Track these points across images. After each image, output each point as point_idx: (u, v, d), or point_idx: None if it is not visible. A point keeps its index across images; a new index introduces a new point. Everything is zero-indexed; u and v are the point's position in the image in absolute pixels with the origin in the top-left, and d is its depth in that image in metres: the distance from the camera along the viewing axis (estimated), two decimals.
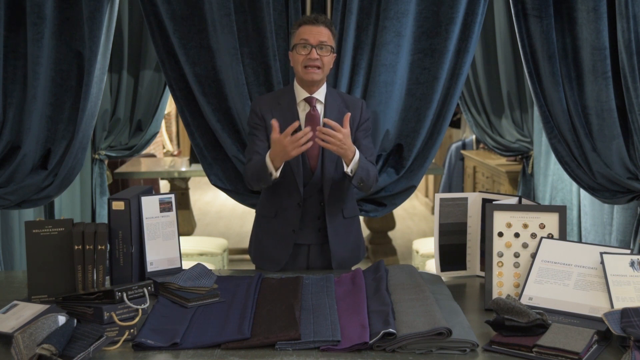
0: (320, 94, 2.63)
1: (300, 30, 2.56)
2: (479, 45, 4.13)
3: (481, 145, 6.55)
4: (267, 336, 1.80)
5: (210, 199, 9.28)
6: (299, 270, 2.64)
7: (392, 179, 3.12)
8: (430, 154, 3.14)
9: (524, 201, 2.38)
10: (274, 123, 2.41)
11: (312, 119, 2.60)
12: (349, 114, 2.44)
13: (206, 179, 3.27)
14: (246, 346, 1.78)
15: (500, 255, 2.19)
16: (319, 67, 2.54)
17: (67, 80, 3.01)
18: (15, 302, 2.01)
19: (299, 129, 2.46)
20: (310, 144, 2.39)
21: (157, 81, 4.05)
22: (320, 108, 2.62)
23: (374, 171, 2.60)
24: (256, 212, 2.83)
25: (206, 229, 7.46)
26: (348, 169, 2.49)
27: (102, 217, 3.99)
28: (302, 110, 2.62)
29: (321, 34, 2.53)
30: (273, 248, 2.70)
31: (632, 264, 2.02)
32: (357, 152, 2.49)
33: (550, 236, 2.18)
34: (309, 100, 2.61)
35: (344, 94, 2.76)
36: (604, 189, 3.09)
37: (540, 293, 2.05)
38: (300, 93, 2.62)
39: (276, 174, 2.47)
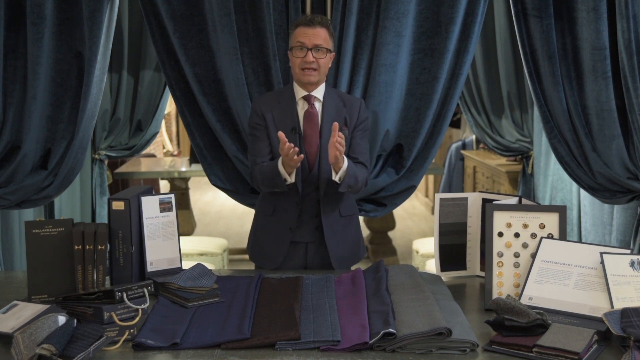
0: (319, 92, 2.66)
1: (297, 32, 2.58)
2: (479, 45, 4.13)
3: (481, 145, 6.55)
4: (267, 336, 1.80)
5: (210, 199, 9.27)
6: (297, 269, 2.64)
7: (392, 179, 3.12)
8: (430, 154, 3.14)
9: (524, 201, 2.38)
10: (280, 135, 2.41)
11: (309, 116, 2.63)
12: (336, 123, 2.42)
13: (206, 179, 3.27)
14: (246, 346, 1.78)
15: (500, 255, 2.19)
16: (315, 69, 2.57)
17: (67, 80, 3.01)
18: (15, 302, 2.01)
19: (298, 138, 2.56)
20: (301, 157, 2.42)
21: (157, 81, 4.04)
22: (318, 106, 2.65)
23: (363, 175, 2.62)
24: (255, 209, 2.84)
25: (206, 229, 7.46)
26: (336, 177, 2.52)
27: (102, 217, 3.99)
28: (301, 109, 2.65)
29: (316, 36, 2.55)
30: (270, 245, 2.72)
31: (632, 264, 2.02)
32: (346, 161, 2.51)
33: (550, 236, 2.18)
34: (308, 98, 2.64)
35: (343, 94, 2.78)
36: (604, 189, 3.09)
37: (540, 293, 2.05)
38: (299, 91, 2.65)
39: (291, 179, 2.52)
